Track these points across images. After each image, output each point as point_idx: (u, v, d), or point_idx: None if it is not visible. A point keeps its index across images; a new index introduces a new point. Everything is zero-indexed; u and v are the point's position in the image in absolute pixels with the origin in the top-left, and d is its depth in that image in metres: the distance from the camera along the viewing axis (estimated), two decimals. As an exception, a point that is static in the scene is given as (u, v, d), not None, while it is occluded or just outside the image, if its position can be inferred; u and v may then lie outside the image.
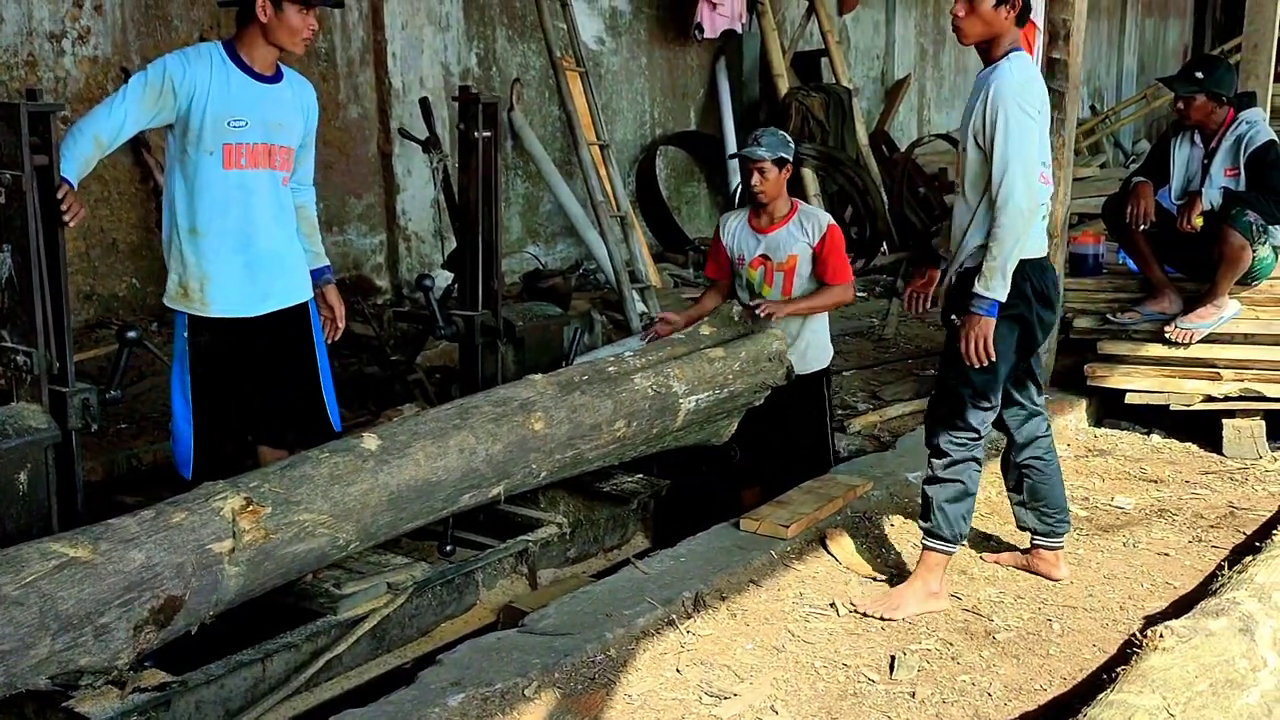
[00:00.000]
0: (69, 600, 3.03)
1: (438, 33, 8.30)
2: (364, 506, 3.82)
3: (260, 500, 3.54)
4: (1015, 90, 3.80)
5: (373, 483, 3.84)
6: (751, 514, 4.57)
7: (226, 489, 3.53)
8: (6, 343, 3.58)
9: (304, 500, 3.65)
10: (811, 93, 10.60)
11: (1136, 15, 19.53)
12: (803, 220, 5.10)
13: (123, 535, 3.24)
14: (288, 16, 3.98)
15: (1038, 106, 3.86)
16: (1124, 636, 3.88)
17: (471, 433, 4.18)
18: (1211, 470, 5.55)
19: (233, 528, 3.44)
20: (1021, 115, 3.78)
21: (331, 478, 3.74)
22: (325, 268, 4.49)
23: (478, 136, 4.88)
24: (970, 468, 4.03)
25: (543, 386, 4.54)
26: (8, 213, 3.48)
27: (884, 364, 7.49)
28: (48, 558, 3.06)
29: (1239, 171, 5.69)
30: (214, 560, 3.39)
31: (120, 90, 3.93)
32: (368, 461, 3.86)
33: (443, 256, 7.53)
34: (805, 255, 5.04)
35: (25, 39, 6.10)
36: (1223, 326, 5.81)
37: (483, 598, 4.47)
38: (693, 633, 3.81)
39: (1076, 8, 5.90)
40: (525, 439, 4.36)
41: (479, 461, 4.20)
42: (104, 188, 6.49)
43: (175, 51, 4.04)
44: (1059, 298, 4.13)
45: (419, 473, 3.99)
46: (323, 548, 3.74)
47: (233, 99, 4.01)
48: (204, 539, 3.38)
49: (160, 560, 3.25)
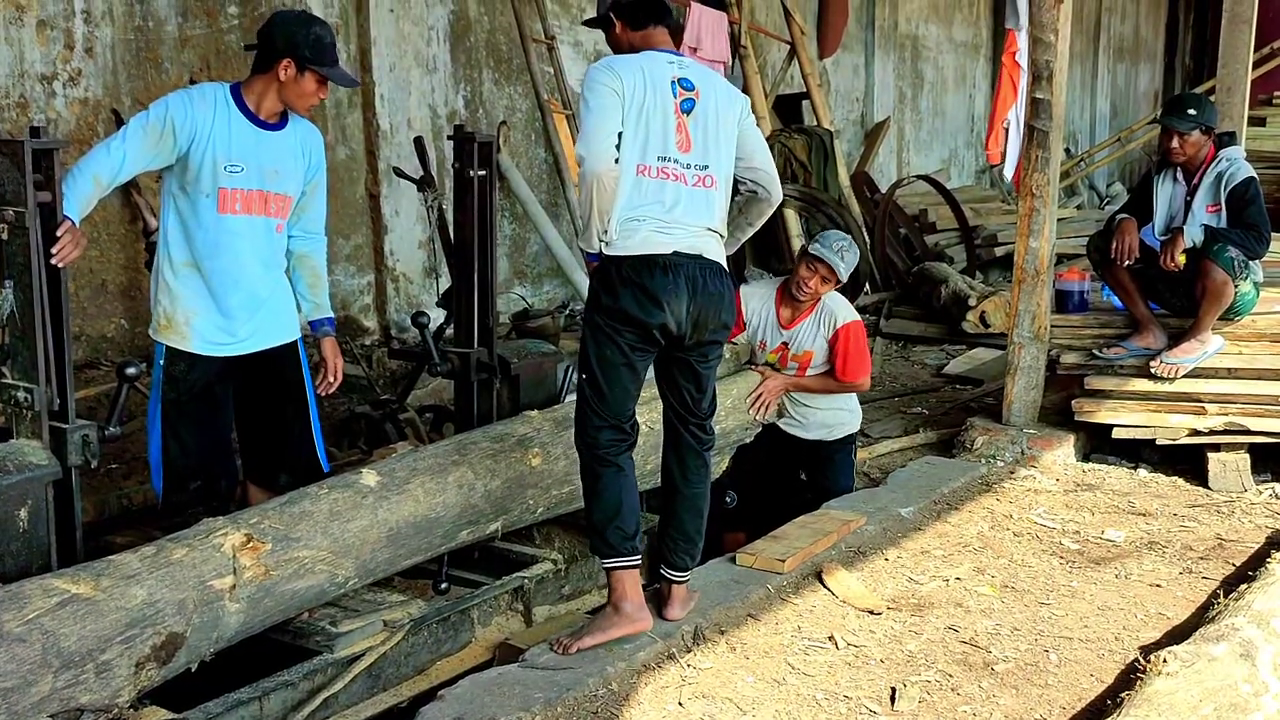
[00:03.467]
0: (71, 637, 3.03)
1: (425, 75, 8.36)
2: (363, 543, 3.84)
3: (260, 537, 3.55)
4: (587, 77, 3.76)
5: (372, 519, 3.87)
6: (747, 549, 4.58)
7: (226, 525, 3.54)
8: (7, 379, 3.57)
9: (303, 537, 3.67)
10: (794, 134, 10.72)
11: (1108, 60, 19.82)
12: (821, 314, 5.25)
13: (124, 571, 3.25)
14: (305, 82, 4.03)
15: (600, 89, 3.68)
16: (1120, 666, 3.90)
17: (470, 469, 4.21)
18: (1199, 503, 5.60)
19: (233, 564, 3.45)
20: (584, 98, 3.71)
21: (331, 514, 3.76)
22: (326, 319, 4.47)
23: (473, 175, 4.93)
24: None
25: (539, 422, 4.58)
26: (10, 249, 3.48)
27: (870, 401, 7.53)
28: (50, 594, 3.06)
29: (1220, 208, 5.78)
30: (215, 597, 3.40)
31: (120, 130, 3.95)
32: (367, 498, 3.89)
33: (432, 296, 7.55)
34: (821, 350, 5.25)
35: (17, 80, 6.12)
36: (1207, 361, 5.88)
37: (478, 635, 4.46)
38: (693, 666, 3.82)
39: (1059, 49, 6.02)
40: (523, 475, 4.40)
41: (477, 498, 4.23)
42: (93, 229, 6.49)
43: (179, 91, 4.07)
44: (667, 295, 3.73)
45: (418, 509, 4.02)
46: (322, 584, 3.76)
47: (232, 144, 4.02)
48: (205, 575, 3.39)
49: (162, 597, 3.26)
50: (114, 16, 6.52)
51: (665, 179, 3.74)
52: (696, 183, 3.78)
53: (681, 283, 3.72)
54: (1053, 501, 5.55)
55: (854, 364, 5.23)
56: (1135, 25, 20.98)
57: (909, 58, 14.54)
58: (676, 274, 3.71)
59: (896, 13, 14.01)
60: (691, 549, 4.02)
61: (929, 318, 9.72)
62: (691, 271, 3.74)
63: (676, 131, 3.74)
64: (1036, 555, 4.90)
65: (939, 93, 15.34)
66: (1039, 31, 6.04)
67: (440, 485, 4.11)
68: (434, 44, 8.42)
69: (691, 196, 3.77)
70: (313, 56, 3.98)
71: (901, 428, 6.84)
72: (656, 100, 3.72)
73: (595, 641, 3.78)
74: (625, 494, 3.84)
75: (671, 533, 4.01)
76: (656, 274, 3.69)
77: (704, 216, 3.80)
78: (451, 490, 4.15)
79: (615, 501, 3.81)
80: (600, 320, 3.76)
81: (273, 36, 4.01)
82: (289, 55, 3.97)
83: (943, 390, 7.84)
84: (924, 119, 15.08)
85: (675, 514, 4.01)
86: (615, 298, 3.71)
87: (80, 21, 6.37)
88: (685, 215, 3.75)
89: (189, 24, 6.88)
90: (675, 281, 3.70)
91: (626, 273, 3.70)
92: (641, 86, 3.70)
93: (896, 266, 10.87)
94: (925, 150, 15.13)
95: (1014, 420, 6.25)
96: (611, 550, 3.84)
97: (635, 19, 3.89)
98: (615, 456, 3.83)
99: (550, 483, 4.57)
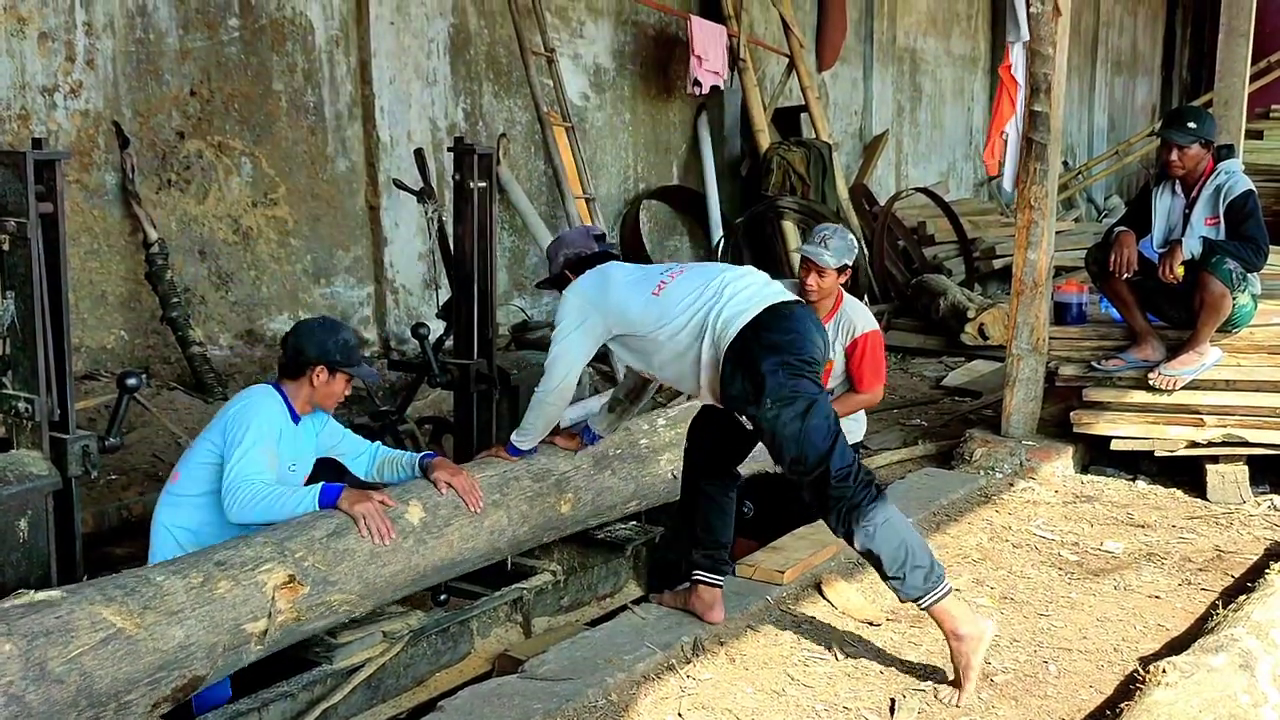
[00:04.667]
0: (105, 679, 3.05)
1: (425, 87, 8.39)
2: (390, 585, 3.90)
3: (302, 578, 3.56)
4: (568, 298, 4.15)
5: (406, 564, 3.92)
6: (746, 560, 4.58)
7: (274, 558, 3.54)
8: (8, 389, 3.59)
9: (340, 580, 3.70)
10: (792, 147, 10.74)
11: (1106, 74, 19.88)
12: (841, 321, 5.20)
13: (170, 606, 3.24)
14: (336, 383, 4.16)
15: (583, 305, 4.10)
16: (1119, 678, 3.90)
17: (506, 513, 4.30)
18: (1197, 515, 5.60)
19: (270, 606, 3.47)
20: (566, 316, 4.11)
21: (371, 556, 3.80)
22: (424, 455, 4.42)
23: (473, 187, 4.95)
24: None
25: (580, 460, 4.64)
26: (12, 259, 3.50)
27: (869, 413, 7.51)
28: (97, 628, 3.06)
29: (1219, 220, 5.78)
30: (244, 640, 3.42)
31: (244, 451, 3.88)
32: (408, 539, 3.93)
33: (432, 308, 7.57)
34: (839, 358, 5.18)
35: (18, 92, 6.14)
36: (1205, 373, 5.88)
37: (477, 646, 4.47)
38: (693, 677, 3.82)
39: (1056, 62, 6.04)
40: (550, 520, 4.51)
41: (504, 542, 4.34)
42: (94, 240, 6.51)
43: (267, 406, 4.05)
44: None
45: (449, 554, 4.10)
46: (337, 622, 3.79)
47: (292, 447, 4.11)
48: (241, 618, 3.40)
49: (198, 640, 3.27)
50: (115, 29, 6.54)
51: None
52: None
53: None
54: (1051, 513, 5.55)
55: (869, 373, 5.22)
56: (1133, 39, 21.06)
57: (907, 71, 14.59)
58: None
59: (895, 26, 14.06)
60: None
61: (928, 330, 9.73)
62: None
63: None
64: (1035, 566, 4.90)
65: (937, 106, 15.39)
66: (1037, 45, 6.06)
67: (475, 530, 4.18)
68: (434, 57, 8.45)
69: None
70: (343, 360, 4.13)
71: (900, 439, 6.84)
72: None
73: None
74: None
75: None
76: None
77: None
78: (484, 536, 4.22)
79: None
80: None
81: (302, 346, 4.12)
82: (322, 362, 4.09)
83: (941, 402, 7.85)
84: (922, 132, 15.13)
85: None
86: None
87: (81, 34, 6.39)
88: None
89: (189, 36, 6.91)
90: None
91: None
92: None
93: (895, 279, 10.88)
94: (924, 163, 15.17)
95: (1013, 432, 6.26)
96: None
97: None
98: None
99: (569, 525, 4.64)
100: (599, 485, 4.66)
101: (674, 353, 3.94)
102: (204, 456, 3.98)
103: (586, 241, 4.38)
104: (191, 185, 7.01)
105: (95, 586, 3.20)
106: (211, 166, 7.09)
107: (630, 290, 4.03)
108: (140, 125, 6.70)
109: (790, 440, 3.69)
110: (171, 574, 3.32)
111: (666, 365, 4.01)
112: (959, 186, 15.87)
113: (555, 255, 4.43)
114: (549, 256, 4.50)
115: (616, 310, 4.02)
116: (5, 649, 2.85)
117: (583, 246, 4.36)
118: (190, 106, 6.95)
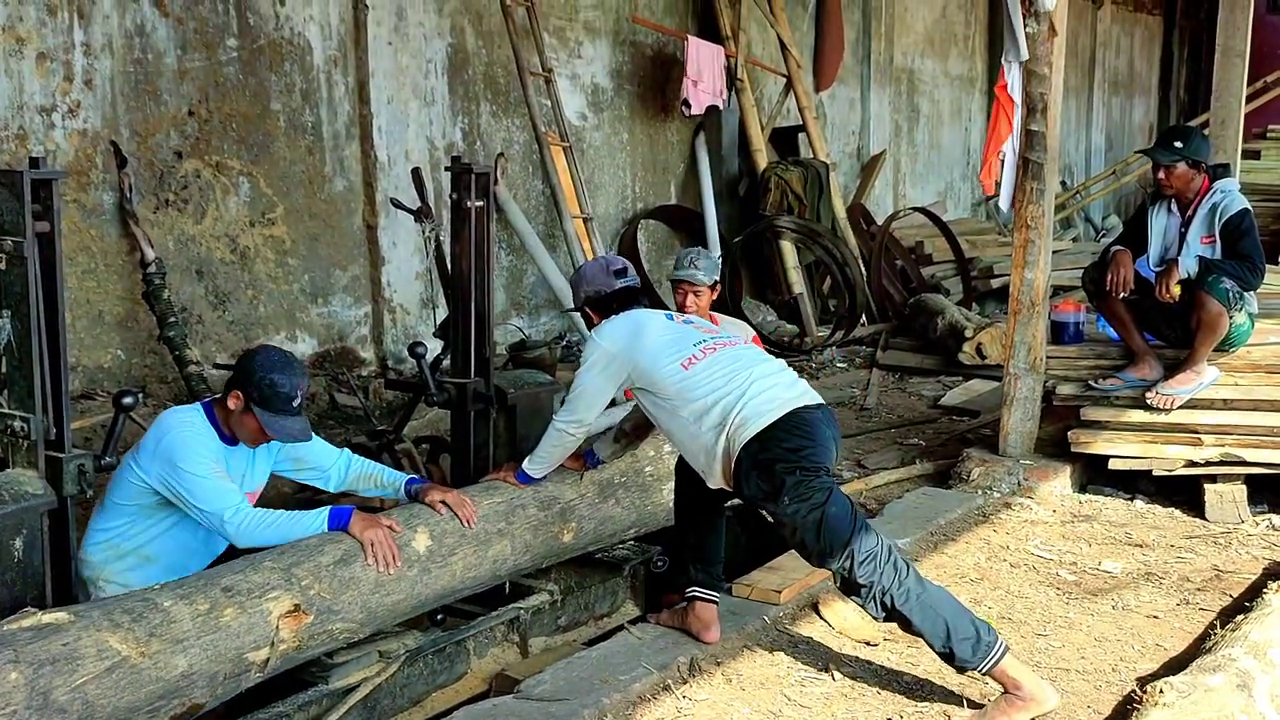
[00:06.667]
0: (106, 708, 3.04)
1: (423, 107, 8.41)
2: (390, 613, 3.91)
3: (307, 607, 3.55)
4: (596, 341, 4.18)
5: (409, 593, 3.92)
6: (743, 579, 4.58)
7: (280, 585, 3.53)
8: (4, 408, 3.58)
9: (344, 610, 3.70)
10: (790, 167, 10.77)
11: (1103, 94, 19.94)
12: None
13: (175, 634, 3.23)
14: (249, 419, 3.89)
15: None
16: (1117, 698, 3.89)
17: (510, 542, 4.30)
18: (1195, 534, 5.59)
19: (273, 636, 3.46)
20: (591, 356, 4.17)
21: (376, 585, 3.80)
22: (410, 479, 4.33)
23: (470, 206, 4.95)
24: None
25: (586, 486, 4.65)
26: (8, 278, 3.49)
27: (867, 433, 7.53)
28: (103, 656, 3.05)
29: (1215, 239, 5.79)
30: (244, 669, 3.42)
31: (197, 477, 3.80)
32: (413, 568, 3.93)
33: (429, 327, 7.58)
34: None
35: (16, 112, 6.14)
36: (1203, 392, 5.87)
37: (474, 666, 4.46)
38: (689, 698, 3.80)
39: (1053, 82, 6.06)
40: (551, 549, 4.53)
41: (505, 570, 4.37)
42: (90, 259, 6.51)
43: (190, 435, 3.88)
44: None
45: (451, 582, 4.11)
46: (334, 647, 3.79)
47: (236, 465, 3.99)
48: (244, 647, 3.40)
49: (200, 669, 3.27)
50: (114, 49, 6.56)
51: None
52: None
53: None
54: (1049, 532, 5.55)
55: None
56: (1130, 59, 21.13)
57: (905, 91, 14.63)
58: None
59: (892, 47, 14.10)
60: None
61: (925, 349, 9.73)
62: None
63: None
64: (1033, 586, 4.89)
65: (935, 126, 15.43)
66: (1033, 65, 6.08)
67: (479, 559, 4.18)
68: (432, 76, 8.47)
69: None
70: (258, 400, 3.84)
71: (898, 459, 6.83)
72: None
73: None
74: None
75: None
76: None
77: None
78: (486, 565, 4.23)
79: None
80: None
81: (240, 367, 3.96)
82: (241, 389, 3.87)
83: (939, 421, 7.84)
84: (920, 152, 15.16)
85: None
86: None
87: (80, 54, 6.41)
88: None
89: (188, 56, 6.92)
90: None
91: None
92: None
93: (893, 298, 10.90)
94: (921, 183, 15.20)
95: (1010, 451, 6.25)
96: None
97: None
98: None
99: (569, 552, 4.65)
100: (602, 514, 4.67)
101: (690, 434, 3.95)
102: (128, 475, 3.90)
103: (606, 279, 4.39)
104: (189, 205, 7.01)
105: (102, 610, 3.19)
106: (209, 186, 7.10)
107: (661, 355, 4.03)
108: (138, 145, 6.71)
109: (811, 532, 3.75)
110: (179, 599, 3.31)
111: (682, 442, 4.04)
112: (956, 206, 15.90)
113: (576, 289, 4.52)
114: (571, 285, 4.63)
115: (644, 369, 4.04)
116: (11, 677, 2.83)
117: (602, 285, 4.38)
118: (188, 126, 6.97)
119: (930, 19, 15.03)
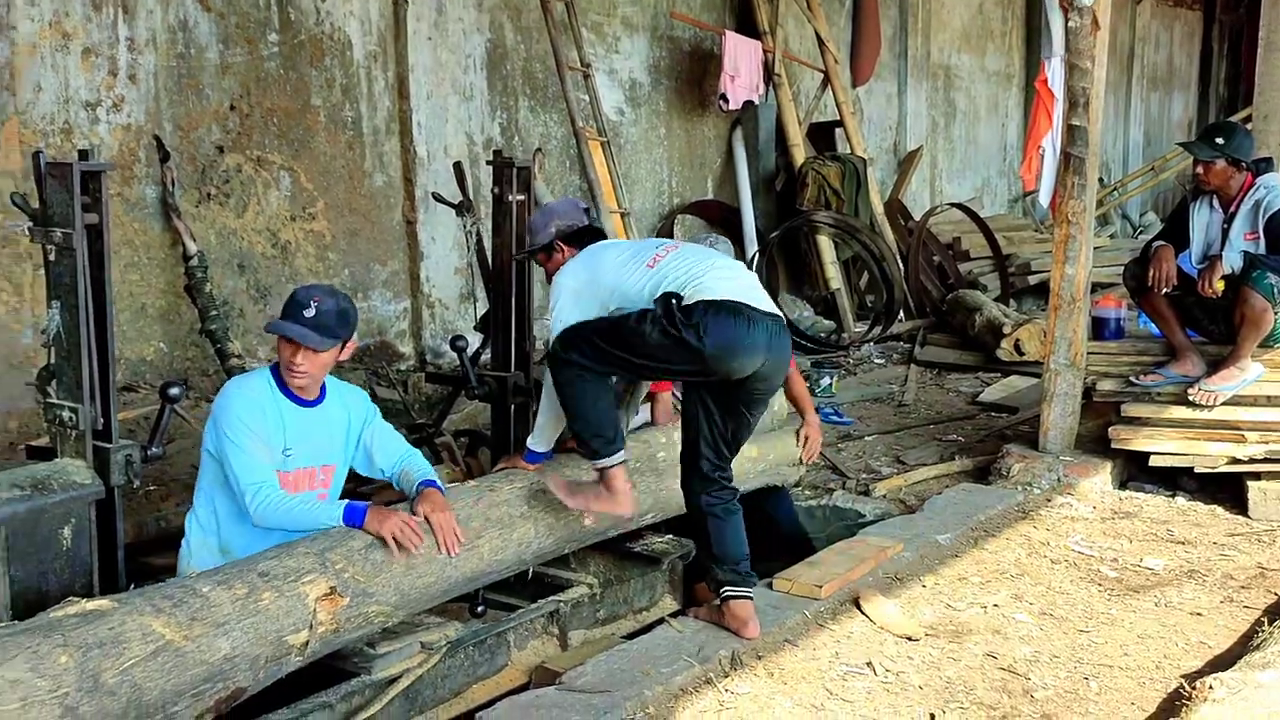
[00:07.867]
0: (154, 691, 3.05)
1: (462, 102, 8.44)
2: (423, 596, 3.92)
3: (342, 590, 3.57)
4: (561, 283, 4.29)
5: (439, 576, 3.93)
6: (784, 574, 4.57)
7: (315, 569, 3.54)
8: (53, 399, 3.62)
9: (378, 593, 3.71)
10: (827, 162, 10.74)
11: (1142, 89, 19.78)
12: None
13: (216, 617, 3.25)
14: (282, 348, 3.82)
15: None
16: (1162, 695, 3.86)
17: (534, 526, 4.31)
18: (1238, 532, 5.54)
19: (311, 618, 3.47)
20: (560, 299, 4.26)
21: (408, 568, 3.81)
22: (425, 480, 4.16)
23: (511, 200, 4.96)
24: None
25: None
26: (57, 270, 3.53)
27: (905, 429, 7.51)
28: (148, 639, 3.07)
29: (1258, 235, 5.73)
30: (285, 651, 3.43)
31: (234, 444, 3.76)
32: (442, 551, 3.92)
33: (467, 321, 7.61)
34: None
35: (62, 106, 6.21)
36: (1246, 389, 5.82)
37: (514, 659, 4.46)
38: (731, 691, 3.80)
39: (1095, 75, 6.01)
40: (574, 533, 4.52)
41: (529, 554, 4.36)
42: (134, 253, 6.57)
43: (235, 396, 3.83)
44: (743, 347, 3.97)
45: (480, 566, 4.11)
46: (370, 633, 3.80)
47: (286, 430, 3.89)
48: (284, 630, 3.41)
49: (242, 652, 3.28)
50: (157, 44, 6.62)
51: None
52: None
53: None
54: (1090, 529, 5.51)
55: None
56: (1169, 54, 20.95)
57: (942, 87, 14.57)
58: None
59: (929, 42, 14.05)
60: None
61: (963, 345, 9.69)
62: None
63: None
64: (1074, 582, 4.86)
65: (971, 122, 15.35)
66: (1075, 58, 6.03)
67: (505, 543, 4.20)
68: (471, 71, 8.50)
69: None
70: (280, 316, 3.81)
71: (937, 455, 6.80)
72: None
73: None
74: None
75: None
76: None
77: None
78: (511, 548, 4.24)
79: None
80: None
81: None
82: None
83: (978, 418, 7.80)
84: (956, 147, 15.10)
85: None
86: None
87: (124, 49, 6.47)
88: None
89: (230, 51, 6.98)
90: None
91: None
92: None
93: (930, 294, 10.85)
94: (958, 179, 15.13)
95: (1050, 447, 6.22)
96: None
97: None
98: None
99: (590, 537, 4.65)
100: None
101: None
102: (205, 447, 3.92)
103: (577, 214, 4.47)
104: (231, 199, 7.07)
105: (143, 596, 3.22)
106: (250, 180, 7.15)
107: (624, 268, 4.13)
108: (181, 139, 6.76)
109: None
110: (217, 585, 3.33)
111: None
112: (993, 202, 15.82)
113: (545, 225, 4.47)
114: (534, 227, 4.55)
115: (610, 285, 4.12)
116: (62, 660, 2.86)
117: (575, 219, 4.45)
118: (230, 121, 7.02)
119: (967, 15, 14.96)
